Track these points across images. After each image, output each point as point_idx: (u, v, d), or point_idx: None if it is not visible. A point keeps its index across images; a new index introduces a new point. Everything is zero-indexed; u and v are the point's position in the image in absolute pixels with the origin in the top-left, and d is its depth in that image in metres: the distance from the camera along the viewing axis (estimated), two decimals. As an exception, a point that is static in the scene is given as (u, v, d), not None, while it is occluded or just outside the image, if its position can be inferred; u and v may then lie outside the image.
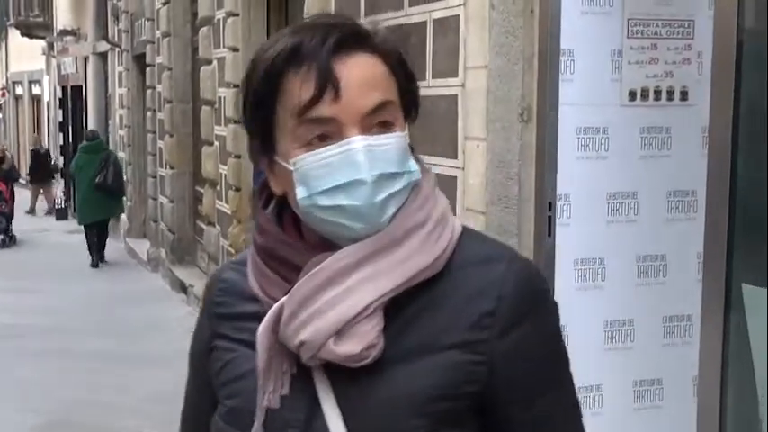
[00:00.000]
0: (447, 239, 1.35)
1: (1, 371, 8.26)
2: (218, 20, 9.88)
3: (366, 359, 1.29)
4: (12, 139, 35.80)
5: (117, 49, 17.10)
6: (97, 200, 14.63)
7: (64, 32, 22.68)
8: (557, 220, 3.86)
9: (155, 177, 14.37)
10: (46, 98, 28.52)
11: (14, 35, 30.61)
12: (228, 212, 9.78)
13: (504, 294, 1.32)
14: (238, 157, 9.29)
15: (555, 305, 1.41)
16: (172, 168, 12.95)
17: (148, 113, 14.64)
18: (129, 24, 15.87)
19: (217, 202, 10.38)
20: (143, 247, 14.81)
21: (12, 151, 32.33)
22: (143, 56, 14.74)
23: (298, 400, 1.34)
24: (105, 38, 17.96)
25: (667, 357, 4.05)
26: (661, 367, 4.05)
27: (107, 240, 15.23)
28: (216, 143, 10.29)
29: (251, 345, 1.37)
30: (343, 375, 1.31)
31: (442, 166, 4.59)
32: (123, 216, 16.63)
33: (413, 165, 1.35)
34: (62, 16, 23.71)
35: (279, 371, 1.34)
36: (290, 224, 1.40)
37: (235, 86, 9.45)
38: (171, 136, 12.86)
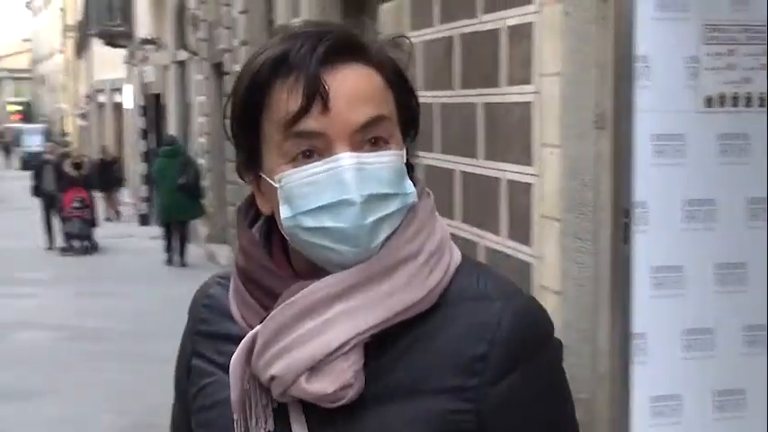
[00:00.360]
0: (442, 272, 1.24)
1: (91, 373, 8.50)
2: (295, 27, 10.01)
3: (341, 400, 1.19)
4: (95, 145, 36.58)
5: (196, 58, 17.39)
6: (179, 201, 15.20)
7: (144, 41, 23.03)
8: (633, 227, 3.83)
9: (234, 184, 14.52)
10: (127, 106, 29.02)
11: (97, 44, 31.29)
12: None
13: (497, 337, 1.21)
14: None
15: (558, 345, 1.29)
16: (249, 174, 13.16)
17: (227, 121, 14.85)
18: (207, 33, 16.13)
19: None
20: (222, 251, 15.02)
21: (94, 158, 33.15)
22: (221, 64, 14.98)
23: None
24: (184, 46, 18.29)
25: (750, 367, 3.98)
26: (743, 377, 3.98)
27: (187, 242, 15.78)
28: None
29: (228, 369, 1.28)
30: (320, 416, 1.22)
31: (518, 173, 4.61)
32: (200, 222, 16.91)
33: (409, 186, 1.24)
34: (142, 26, 24.14)
35: (258, 405, 1.25)
36: (278, 246, 1.30)
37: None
38: (249, 143, 13.08)
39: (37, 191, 18.04)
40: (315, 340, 1.18)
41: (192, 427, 1.38)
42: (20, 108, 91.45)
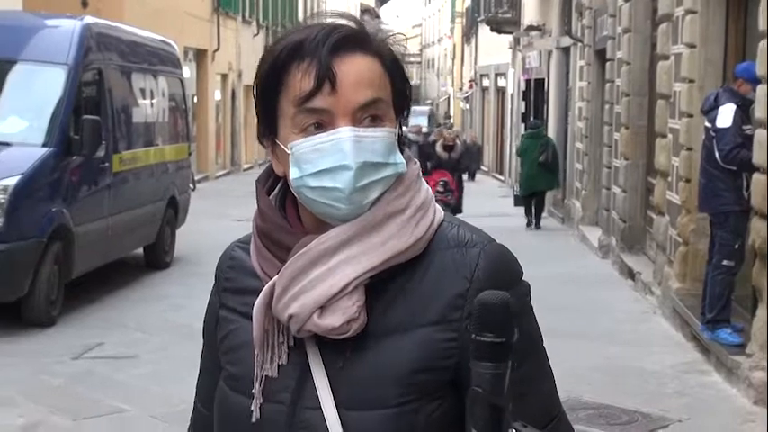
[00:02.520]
0: (426, 225, 1.46)
1: None
2: (677, 17, 10.03)
3: (348, 332, 1.41)
4: (477, 128, 37.88)
5: (579, 44, 17.68)
6: (538, 175, 17.97)
7: (530, 28, 23.41)
8: None
9: (609, 168, 14.73)
10: (510, 90, 29.59)
11: (484, 30, 32.36)
12: (678, 203, 9.87)
13: (475, 277, 1.43)
14: (690, 149, 9.42)
15: (527, 287, 1.51)
16: (626, 159, 13.21)
17: (606, 106, 15.04)
18: (591, 20, 16.37)
19: (667, 192, 10.45)
20: (594, 234, 15.30)
21: (479, 141, 34.39)
22: (603, 51, 15.20)
23: (290, 368, 1.47)
24: (569, 33, 18.56)
25: None
26: None
27: (543, 210, 18.58)
28: (669, 136, 10.42)
29: (251, 317, 1.50)
30: (332, 348, 1.44)
31: None
32: (578, 205, 17.36)
33: (399, 158, 1.45)
34: (529, 13, 24.63)
35: (275, 343, 1.48)
36: (291, 207, 1.53)
37: (690, 81, 9.69)
38: (626, 128, 13.14)
39: None
40: (323, 283, 1.41)
41: (219, 365, 1.59)
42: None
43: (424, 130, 21.26)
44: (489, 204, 21.84)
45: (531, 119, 23.52)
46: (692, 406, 6.90)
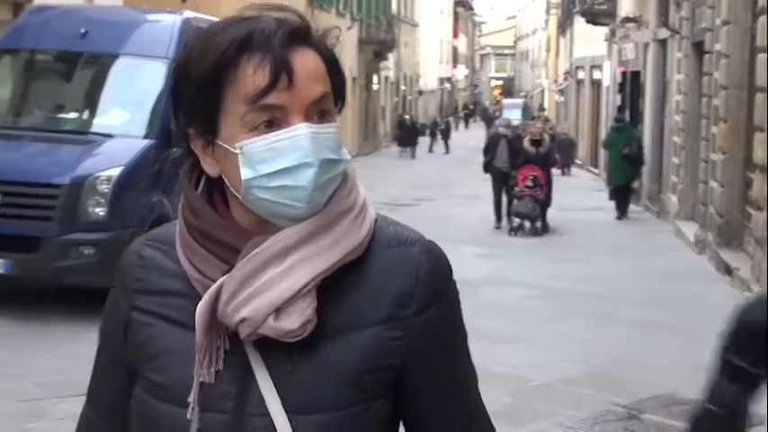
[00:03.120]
0: (369, 224, 1.44)
1: (556, 327, 9.25)
2: (779, 8, 9.94)
3: (302, 334, 1.36)
4: (572, 121, 37.59)
5: (677, 36, 17.47)
6: (622, 167, 18.70)
7: (626, 20, 23.14)
8: None
9: (706, 162, 14.58)
10: (605, 83, 29.31)
11: (579, 22, 32.11)
12: None
13: (420, 276, 1.42)
14: None
15: (455, 284, 1.51)
16: (723, 153, 13.10)
17: (704, 99, 14.87)
18: (689, 12, 16.19)
19: (766, 187, 10.38)
20: (691, 229, 15.16)
21: (571, 134, 34.11)
22: (702, 43, 15.02)
23: (230, 374, 1.39)
24: (666, 25, 18.39)
25: None
26: None
27: (630, 199, 19.16)
28: None
29: (175, 321, 1.43)
30: (274, 350, 1.38)
31: None
32: (674, 199, 17.16)
33: (345, 154, 1.42)
34: (625, 4, 24.38)
35: (213, 347, 1.39)
36: (220, 204, 1.44)
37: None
38: (724, 122, 13.02)
39: (487, 167, 16.95)
40: (279, 285, 1.35)
41: (123, 371, 1.50)
42: (500, 83, 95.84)
43: (514, 122, 20.28)
44: (582, 198, 21.80)
45: (627, 112, 23.38)
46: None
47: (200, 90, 1.37)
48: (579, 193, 22.48)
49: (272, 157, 1.35)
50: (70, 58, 10.13)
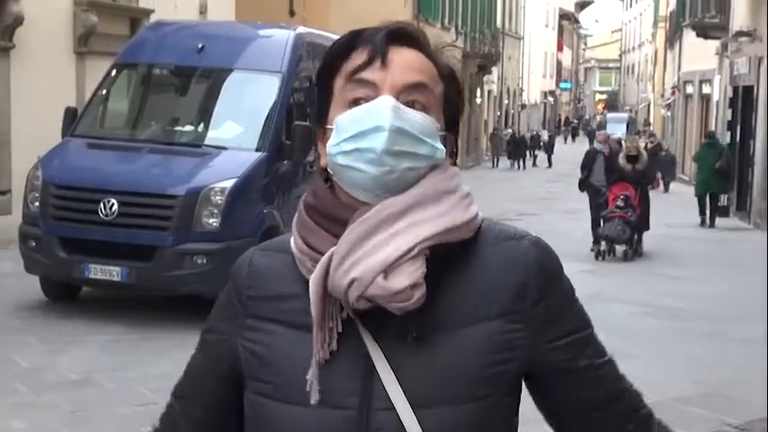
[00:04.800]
0: (476, 210, 1.47)
1: (666, 344, 9.10)
2: None
3: (411, 299, 1.36)
4: (678, 137, 36.91)
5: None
6: (713, 180, 20.21)
7: (739, 33, 22.70)
8: None
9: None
10: (715, 97, 28.77)
11: (689, 35, 31.53)
12: None
13: (534, 267, 1.45)
14: None
15: (566, 276, 1.53)
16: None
17: None
18: None
19: None
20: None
21: (674, 150, 33.41)
22: None
23: (351, 368, 1.40)
24: None
25: None
26: None
27: (717, 212, 20.19)
28: None
29: (291, 324, 1.45)
30: (394, 344, 1.39)
31: None
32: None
33: (439, 146, 1.44)
34: (739, 17, 23.88)
35: (326, 325, 1.40)
36: (342, 193, 1.47)
37: None
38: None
39: (582, 185, 15.83)
40: (387, 247, 1.36)
41: (213, 376, 1.56)
42: (604, 97, 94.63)
43: (617, 136, 19.66)
44: (687, 214, 21.24)
45: (738, 127, 22.97)
46: None
47: (318, 81, 1.50)
48: (680, 211, 22.00)
49: (353, 123, 1.40)
50: (186, 72, 10.41)
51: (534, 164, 42.22)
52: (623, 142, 17.87)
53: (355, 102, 1.43)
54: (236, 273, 1.55)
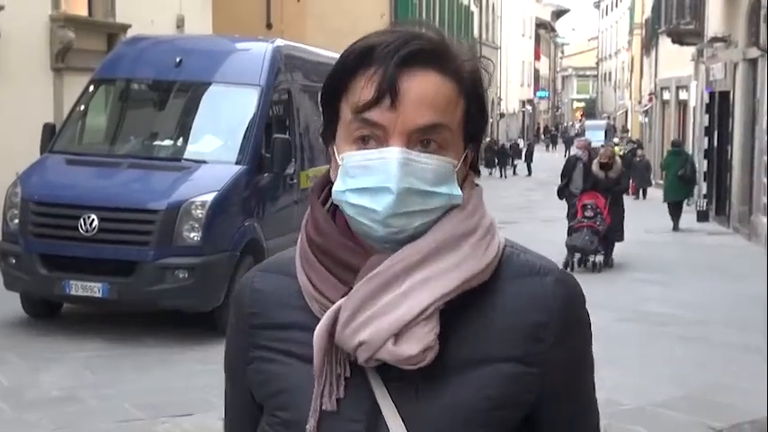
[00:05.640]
0: (495, 248, 1.37)
1: (648, 350, 9.16)
2: None
3: (423, 361, 1.29)
4: (656, 143, 37.10)
5: (767, 56, 17.23)
6: (677, 186, 21.06)
7: (714, 39, 22.77)
8: None
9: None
10: (692, 103, 28.89)
11: (665, 42, 31.68)
12: None
13: (556, 307, 1.35)
14: None
15: (588, 316, 1.45)
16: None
17: None
18: None
19: None
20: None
21: (649, 154, 33.50)
22: None
23: (356, 408, 1.34)
24: (756, 44, 18.05)
25: None
26: None
27: (679, 216, 20.63)
28: None
29: (298, 356, 1.38)
30: (399, 383, 1.32)
31: None
32: (764, 220, 16.83)
33: (454, 189, 1.34)
34: (713, 23, 23.87)
35: (333, 374, 1.33)
36: (341, 218, 1.39)
37: None
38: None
39: (562, 193, 15.43)
40: (398, 309, 1.28)
41: (250, 404, 1.48)
42: (582, 105, 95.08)
43: (595, 144, 18.29)
44: (658, 221, 21.38)
45: (715, 133, 23.12)
46: None
47: (323, 96, 1.38)
48: (657, 216, 22.04)
49: (360, 174, 1.31)
50: (164, 86, 10.39)
51: (514, 172, 42.32)
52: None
53: (362, 139, 1.33)
54: (237, 298, 1.48)
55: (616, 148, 22.17)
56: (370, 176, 1.30)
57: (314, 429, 1.33)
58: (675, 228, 20.59)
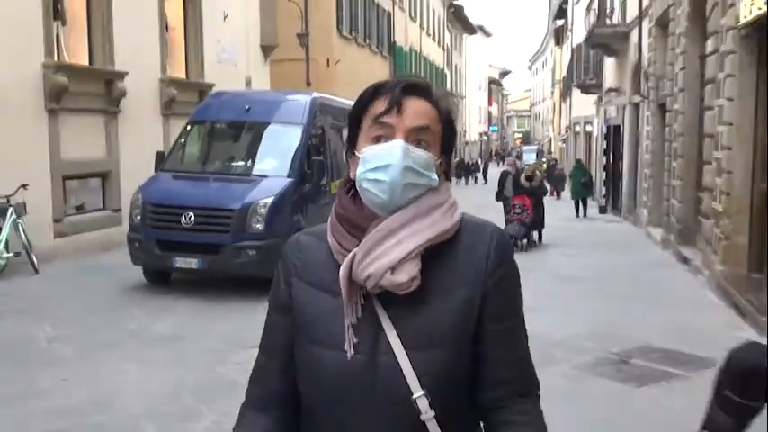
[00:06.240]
0: (458, 216, 1.38)
1: (566, 300, 9.11)
2: (720, 79, 9.69)
3: (410, 288, 1.30)
4: (571, 159, 36.91)
5: (646, 100, 17.07)
6: (580, 189, 21.39)
7: (610, 90, 22.86)
8: None
9: (668, 186, 14.26)
10: (595, 134, 28.88)
11: (576, 92, 31.63)
12: (720, 210, 9.55)
13: (493, 246, 1.36)
14: (730, 172, 9.12)
15: (515, 262, 1.43)
16: (681, 180, 12.81)
17: (666, 143, 14.53)
18: (655, 83, 15.82)
19: (712, 203, 10.14)
20: (657, 232, 14.84)
21: (566, 168, 33.38)
22: (664, 104, 14.68)
23: (365, 327, 1.33)
24: (638, 92, 17.99)
25: None
26: None
27: (587, 208, 20.90)
28: (714, 163, 10.07)
29: (325, 289, 1.37)
30: (396, 308, 1.32)
31: None
32: (645, 212, 16.78)
33: (434, 176, 1.35)
34: (608, 78, 23.94)
35: (353, 300, 1.33)
36: (359, 203, 1.39)
37: (729, 125, 9.30)
38: (681, 158, 12.74)
39: (498, 196, 15.14)
40: (394, 251, 1.30)
41: (289, 326, 1.42)
42: (520, 135, 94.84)
43: (519, 165, 17.77)
44: (570, 213, 21.44)
45: (611, 153, 23.08)
46: (734, 353, 6.62)
47: (351, 119, 1.39)
48: (567, 211, 22.02)
49: (374, 159, 1.32)
50: (238, 125, 10.30)
51: (475, 182, 42.23)
52: (525, 167, 16.99)
53: (377, 139, 1.34)
54: (287, 247, 1.46)
55: (543, 163, 22.57)
56: (381, 159, 1.31)
57: (349, 332, 1.32)
58: (578, 216, 20.89)
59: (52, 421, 4.80)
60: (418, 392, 1.28)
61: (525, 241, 14.07)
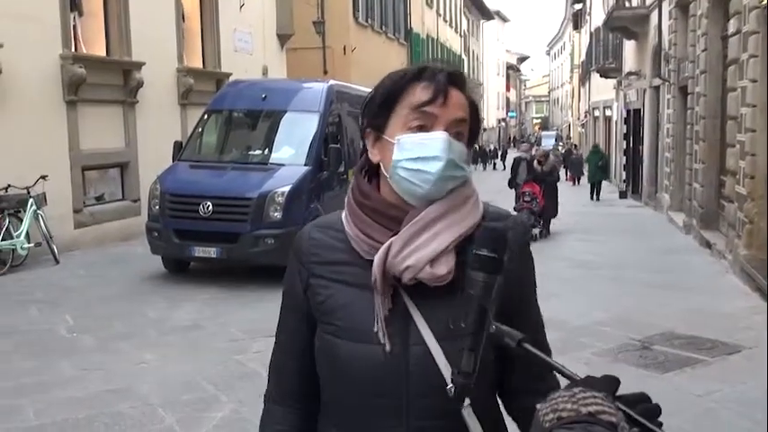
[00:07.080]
0: (482, 207, 1.37)
1: (587, 287, 8.97)
2: (743, 60, 9.55)
3: (447, 280, 1.29)
4: (590, 144, 36.65)
5: (666, 83, 16.92)
6: (597, 172, 22.51)
7: (629, 73, 22.66)
8: None
9: (690, 170, 14.10)
10: (614, 118, 28.69)
11: (595, 76, 31.38)
12: (744, 194, 9.43)
13: (512, 235, 1.33)
14: (753, 155, 8.98)
15: (530, 248, 1.44)
16: (703, 163, 12.65)
17: (688, 126, 14.38)
18: (676, 65, 15.67)
19: (736, 186, 10.01)
20: (679, 217, 14.67)
21: (585, 153, 33.18)
22: (685, 87, 14.51)
23: (397, 316, 1.31)
24: (659, 75, 17.80)
25: None
26: None
27: (600, 191, 21.83)
28: (737, 146, 9.93)
29: (346, 283, 1.34)
30: (423, 298, 1.31)
31: None
32: (666, 197, 16.60)
33: (468, 168, 1.36)
34: (628, 62, 23.73)
35: (386, 290, 1.31)
36: (375, 189, 1.37)
37: (753, 106, 9.12)
38: (703, 141, 12.57)
39: (511, 184, 14.69)
40: (433, 243, 1.29)
41: (306, 323, 1.40)
42: (539, 121, 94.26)
43: (533, 151, 16.23)
44: (589, 199, 21.24)
45: (631, 137, 22.88)
46: (758, 337, 6.52)
47: (382, 100, 1.33)
48: (586, 197, 21.90)
49: (417, 147, 1.29)
50: (255, 114, 10.29)
51: (494, 167, 42.06)
52: (551, 152, 16.77)
53: (418, 128, 1.30)
54: (298, 244, 1.42)
55: (558, 147, 22.89)
56: (426, 148, 1.28)
57: (382, 324, 1.30)
58: (592, 198, 21.77)
59: (72, 410, 4.81)
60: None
61: (537, 232, 13.55)
